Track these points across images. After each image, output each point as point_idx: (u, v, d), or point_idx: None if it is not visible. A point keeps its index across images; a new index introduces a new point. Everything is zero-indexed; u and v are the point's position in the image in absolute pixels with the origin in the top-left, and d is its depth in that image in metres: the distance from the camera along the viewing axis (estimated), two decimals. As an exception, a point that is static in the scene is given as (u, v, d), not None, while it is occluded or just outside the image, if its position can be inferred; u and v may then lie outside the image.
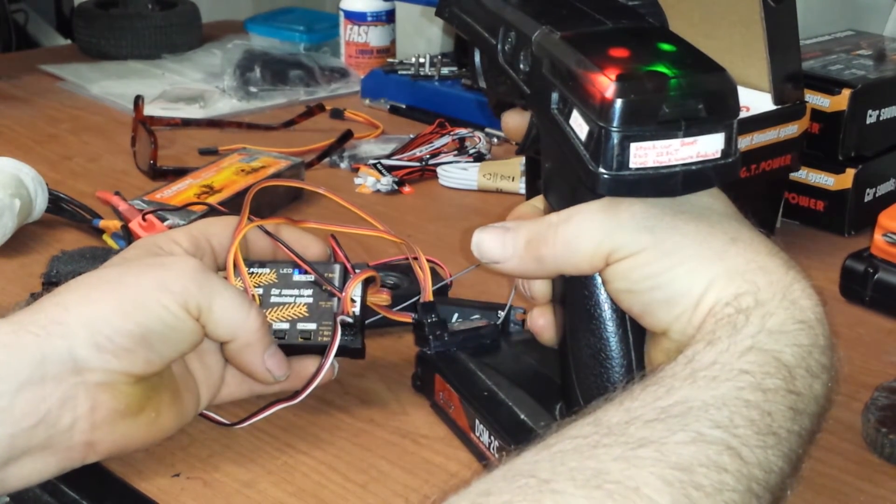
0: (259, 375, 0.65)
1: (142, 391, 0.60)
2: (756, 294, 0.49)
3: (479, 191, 1.06)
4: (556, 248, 0.53)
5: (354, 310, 0.66)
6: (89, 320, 0.58)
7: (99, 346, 0.58)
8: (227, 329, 0.62)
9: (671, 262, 0.51)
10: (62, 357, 0.57)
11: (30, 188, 0.92)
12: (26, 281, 0.85)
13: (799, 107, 0.91)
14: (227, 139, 1.20)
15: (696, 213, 0.52)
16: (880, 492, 0.62)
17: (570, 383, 0.57)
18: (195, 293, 0.60)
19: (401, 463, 0.63)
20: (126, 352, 0.58)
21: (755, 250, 0.51)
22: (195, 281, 0.61)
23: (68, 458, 0.59)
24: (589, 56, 0.51)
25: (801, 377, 0.48)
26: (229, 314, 0.62)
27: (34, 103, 1.35)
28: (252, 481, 0.62)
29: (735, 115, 0.51)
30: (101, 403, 0.58)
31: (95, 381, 0.58)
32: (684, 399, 0.46)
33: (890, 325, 0.81)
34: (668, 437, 0.44)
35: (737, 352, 0.48)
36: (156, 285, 0.60)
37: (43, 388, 0.56)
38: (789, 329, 0.49)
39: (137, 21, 1.53)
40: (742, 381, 0.46)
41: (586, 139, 0.50)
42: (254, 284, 0.67)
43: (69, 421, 0.57)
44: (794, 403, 0.47)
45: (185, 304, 0.60)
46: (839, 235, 0.96)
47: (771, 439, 0.46)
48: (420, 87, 1.31)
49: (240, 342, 0.63)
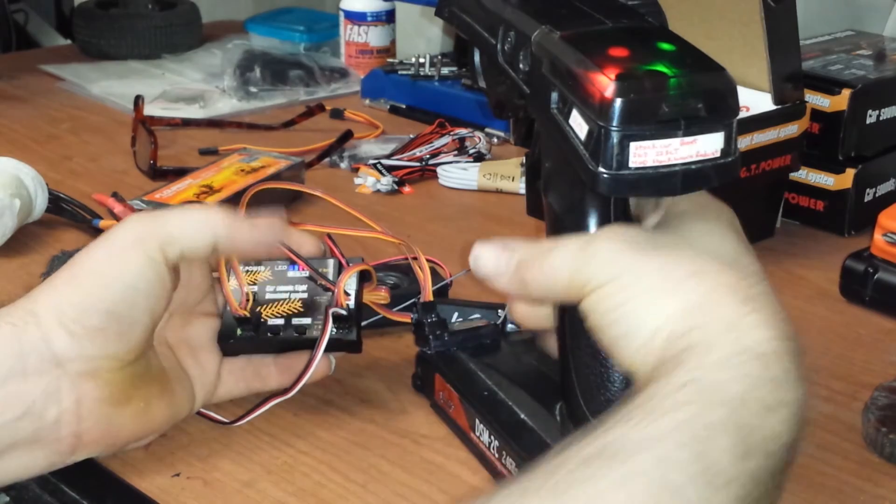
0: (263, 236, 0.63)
1: (126, 379, 0.60)
2: (704, 329, 0.48)
3: (479, 191, 1.06)
4: (538, 274, 0.54)
5: (349, 303, 0.66)
6: (55, 307, 0.58)
7: (71, 332, 0.58)
8: (197, 235, 0.61)
9: (628, 295, 0.50)
10: (40, 350, 0.57)
11: (30, 188, 0.92)
12: (26, 281, 0.85)
13: (799, 107, 0.91)
14: (227, 139, 1.20)
15: (667, 247, 0.51)
16: (880, 491, 0.62)
17: (570, 383, 0.57)
18: (149, 231, 0.60)
19: (401, 462, 0.63)
20: (98, 331, 0.58)
21: (714, 283, 0.49)
22: (145, 224, 0.61)
23: (57, 453, 0.59)
24: (588, 55, 0.51)
25: (750, 409, 0.45)
26: (187, 224, 0.61)
27: (34, 103, 1.35)
28: (252, 481, 0.62)
29: (735, 114, 0.51)
30: (86, 393, 0.58)
31: (77, 371, 0.58)
32: (618, 438, 0.44)
33: (890, 325, 0.81)
34: (598, 480, 0.42)
35: (677, 384, 0.46)
36: (109, 250, 0.60)
37: (25, 381, 0.57)
38: (735, 361, 0.46)
39: (137, 21, 1.53)
40: (682, 413, 0.44)
41: (586, 138, 0.50)
42: (249, 282, 0.67)
43: (55, 414, 0.58)
44: (741, 438, 0.44)
45: (144, 250, 0.59)
46: (839, 235, 0.96)
47: (712, 476, 0.43)
48: (420, 87, 1.31)
49: (221, 235, 0.61)
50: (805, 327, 0.80)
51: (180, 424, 0.66)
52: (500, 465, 0.61)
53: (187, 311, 0.66)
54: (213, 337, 0.67)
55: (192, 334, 0.66)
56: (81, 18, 1.55)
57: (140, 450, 0.64)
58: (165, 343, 0.65)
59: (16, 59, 1.70)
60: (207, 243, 0.61)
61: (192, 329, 0.66)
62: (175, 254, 0.60)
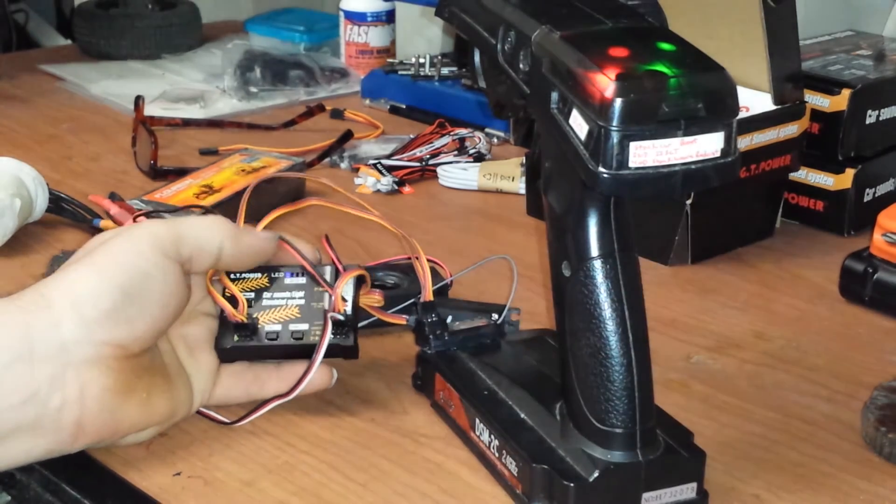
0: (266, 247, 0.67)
1: (130, 368, 0.60)
2: None
3: (479, 191, 1.06)
4: None
5: (346, 308, 0.66)
6: (69, 289, 0.59)
7: (82, 316, 0.58)
8: (204, 242, 0.63)
9: None
10: (48, 336, 0.58)
11: (30, 188, 0.92)
12: (27, 281, 0.85)
13: (799, 107, 0.91)
14: (227, 139, 1.20)
15: None
16: (880, 491, 0.62)
17: (570, 383, 0.57)
18: (165, 232, 0.62)
19: (401, 462, 0.63)
20: (109, 315, 0.59)
21: None
22: (160, 224, 0.64)
23: (58, 441, 0.59)
24: (588, 55, 0.51)
25: None
26: (198, 229, 0.64)
27: (34, 103, 1.35)
28: (253, 480, 0.62)
29: (734, 114, 0.51)
30: (90, 380, 0.59)
31: (82, 358, 0.58)
32: None
33: (889, 324, 0.81)
34: None
35: None
36: (126, 241, 0.62)
37: (31, 366, 0.57)
38: None
39: (137, 21, 1.53)
40: None
41: (586, 138, 0.50)
42: (246, 289, 0.67)
43: (59, 401, 0.58)
44: None
45: (159, 245, 0.61)
46: (839, 235, 0.96)
47: None
48: (420, 87, 1.31)
49: (226, 244, 0.64)
50: (804, 327, 0.80)
51: (181, 424, 0.66)
52: (500, 464, 0.61)
53: (188, 310, 0.66)
54: (212, 337, 0.67)
55: (190, 332, 0.66)
56: (81, 18, 1.55)
57: (141, 449, 0.64)
58: (167, 339, 0.65)
59: (16, 59, 1.69)
60: (215, 246, 0.64)
61: (190, 327, 0.66)
62: (186, 253, 0.62)
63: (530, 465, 0.58)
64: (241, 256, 0.66)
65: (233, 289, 0.66)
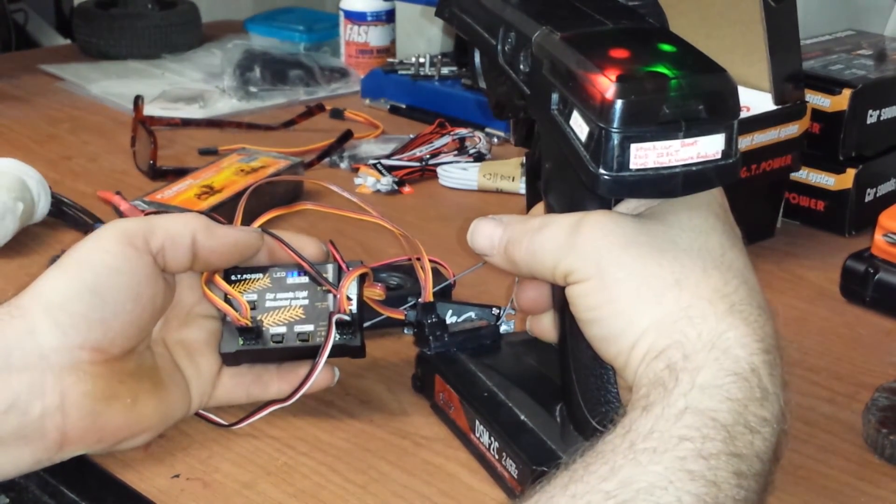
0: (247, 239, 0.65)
1: (111, 373, 0.60)
2: (684, 347, 0.48)
3: (480, 191, 1.06)
4: (524, 255, 0.54)
5: (351, 308, 0.66)
6: (41, 296, 0.59)
7: (56, 321, 0.58)
8: (175, 232, 0.62)
9: (608, 298, 0.51)
10: (26, 344, 0.57)
11: (33, 191, 0.92)
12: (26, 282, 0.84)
13: (799, 107, 0.91)
14: (226, 139, 1.20)
15: (652, 247, 0.51)
16: (881, 493, 0.62)
17: (570, 384, 0.57)
18: (134, 226, 0.62)
19: (401, 464, 0.63)
20: (82, 318, 0.58)
21: (695, 295, 0.50)
22: (131, 220, 0.63)
23: (43, 450, 0.59)
24: (589, 57, 0.50)
25: (740, 436, 0.46)
26: (168, 220, 0.63)
27: (34, 103, 1.35)
28: (252, 482, 0.62)
29: (735, 115, 0.51)
30: (70, 387, 0.58)
31: (61, 364, 0.58)
32: (628, 479, 0.44)
33: (890, 325, 0.81)
34: None
35: (672, 415, 0.46)
36: (91, 240, 0.62)
37: (10, 375, 0.57)
38: (720, 383, 0.47)
39: (137, 21, 1.53)
40: (682, 450, 0.45)
41: (586, 140, 0.50)
42: (248, 290, 0.67)
43: (39, 409, 0.58)
44: (737, 467, 0.46)
45: (126, 239, 0.61)
46: (839, 235, 0.96)
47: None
48: (420, 87, 1.31)
49: (199, 235, 0.63)
50: (805, 327, 0.80)
51: (180, 426, 0.66)
52: (500, 466, 0.61)
53: (184, 313, 0.66)
54: (211, 340, 0.66)
55: (188, 336, 0.66)
56: (81, 18, 1.55)
57: (139, 451, 0.64)
58: (162, 343, 0.65)
59: (16, 59, 1.69)
60: (187, 236, 0.62)
61: (189, 331, 0.66)
62: (157, 243, 0.62)
63: (530, 467, 0.57)
64: (220, 248, 0.64)
65: (230, 290, 0.66)
